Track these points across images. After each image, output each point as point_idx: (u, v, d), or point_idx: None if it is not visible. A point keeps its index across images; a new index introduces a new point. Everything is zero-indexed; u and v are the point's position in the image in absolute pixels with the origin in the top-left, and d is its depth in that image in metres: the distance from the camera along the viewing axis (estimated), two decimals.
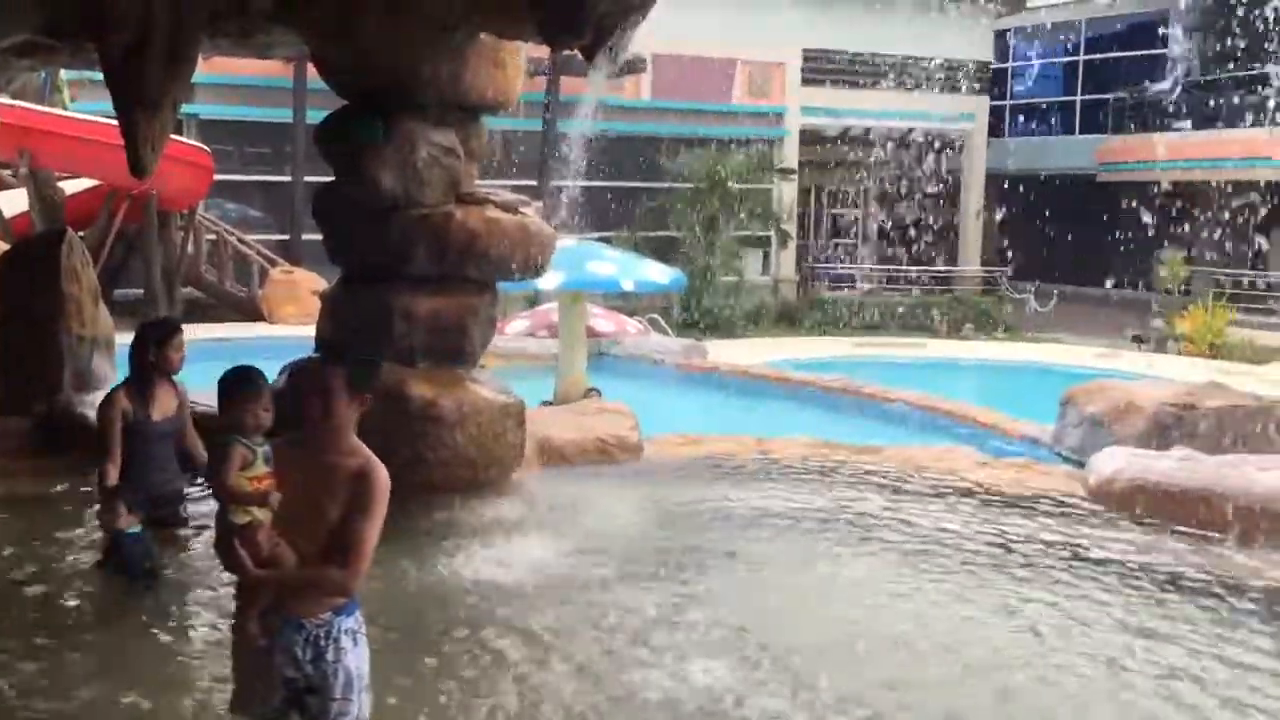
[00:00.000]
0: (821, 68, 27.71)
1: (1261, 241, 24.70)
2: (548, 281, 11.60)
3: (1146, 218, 25.84)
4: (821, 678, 4.44)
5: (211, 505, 5.33)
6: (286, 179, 23.05)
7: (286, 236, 22.97)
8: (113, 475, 5.22)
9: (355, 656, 3.45)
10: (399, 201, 6.93)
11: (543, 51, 9.02)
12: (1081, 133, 33.18)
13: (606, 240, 17.42)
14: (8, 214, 16.58)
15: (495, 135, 7.81)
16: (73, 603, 5.16)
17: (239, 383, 3.72)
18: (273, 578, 3.40)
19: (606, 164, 22.40)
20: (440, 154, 7.05)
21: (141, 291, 19.68)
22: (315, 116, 8.25)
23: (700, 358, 16.65)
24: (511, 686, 4.34)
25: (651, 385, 14.48)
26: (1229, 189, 23.60)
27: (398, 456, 6.06)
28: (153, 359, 5.40)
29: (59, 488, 6.88)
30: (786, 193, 27.26)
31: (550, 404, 11.79)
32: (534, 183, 21.78)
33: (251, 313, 20.35)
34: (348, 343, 6.80)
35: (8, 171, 17.78)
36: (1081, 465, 8.24)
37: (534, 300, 18.88)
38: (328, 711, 3.42)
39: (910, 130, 27.61)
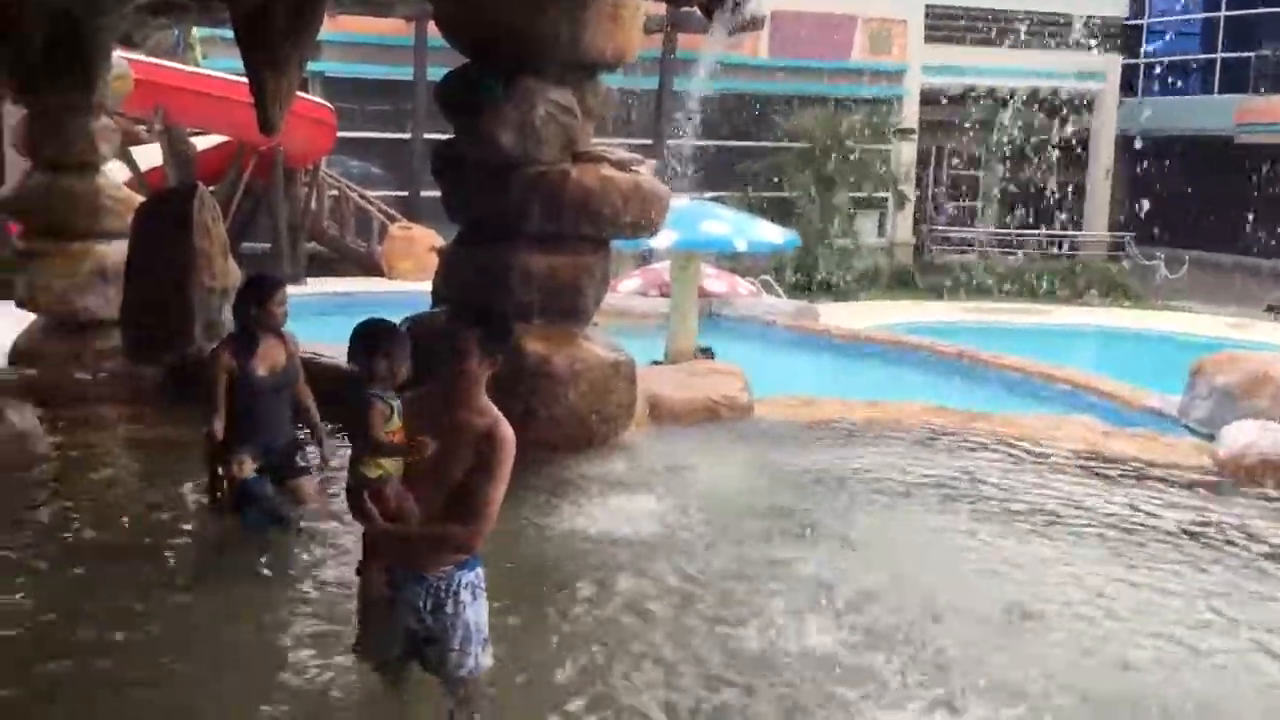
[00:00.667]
0: (944, 24, 26.99)
1: None
2: (661, 240, 11.62)
3: None
4: (935, 642, 4.39)
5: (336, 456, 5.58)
6: (407, 136, 23.41)
7: (406, 193, 23.38)
8: (218, 429, 5.31)
9: (474, 610, 3.52)
10: (516, 159, 6.99)
11: (660, 8, 8.93)
12: (1220, 92, 31.70)
13: (720, 200, 17.29)
14: (143, 168, 17.22)
15: (612, 93, 7.78)
16: (189, 548, 5.35)
17: (377, 336, 3.65)
18: (398, 532, 3.46)
19: (722, 123, 22.22)
20: (558, 112, 7.08)
21: (268, 245, 20.27)
22: (436, 74, 8.34)
23: (812, 320, 16.50)
24: (630, 637, 4.40)
25: (762, 346, 14.41)
26: None
27: (511, 412, 6.15)
28: (255, 315, 5.43)
29: (189, 434, 7.15)
30: (905, 153, 26.71)
31: (661, 363, 11.83)
32: (649, 141, 21.73)
33: (370, 268, 20.79)
34: (466, 300, 6.92)
35: (143, 127, 18.41)
36: (1209, 438, 7.95)
37: (646, 259, 18.90)
38: (446, 662, 3.51)
39: (1036, 90, 26.72)
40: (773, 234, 13.70)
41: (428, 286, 7.82)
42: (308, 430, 5.73)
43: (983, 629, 4.60)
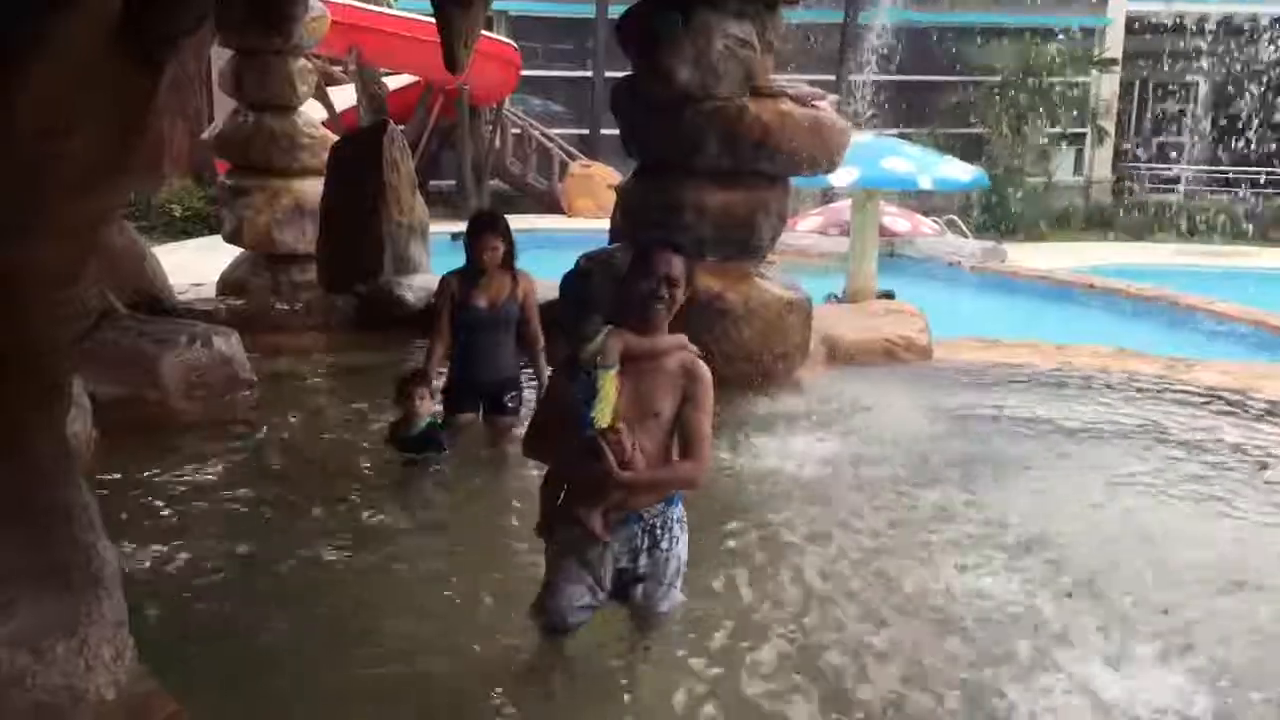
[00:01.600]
0: None
1: None
2: (841, 178, 11.42)
3: None
4: (1108, 599, 4.23)
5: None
6: (588, 74, 23.59)
7: (586, 131, 23.62)
8: (435, 354, 5.63)
9: (683, 543, 3.59)
10: (693, 94, 6.95)
11: None
12: None
13: (905, 137, 16.81)
14: (338, 108, 17.91)
15: (794, 28, 7.62)
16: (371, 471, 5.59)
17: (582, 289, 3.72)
18: (636, 478, 3.38)
19: (908, 56, 21.51)
20: (736, 46, 6.99)
21: (454, 183, 20.85)
22: (617, 12, 8.35)
23: (999, 261, 15.97)
24: (808, 572, 4.38)
25: (945, 287, 14.04)
26: None
27: None
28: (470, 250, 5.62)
29: (379, 359, 7.49)
30: (1106, 86, 25.33)
31: (840, 301, 11.67)
32: (832, 76, 21.26)
33: (551, 205, 21.16)
34: (642, 236, 6.96)
35: (338, 68, 19.12)
36: None
37: (828, 197, 18.59)
38: (655, 597, 3.56)
39: (1254, 16, 24.81)
40: (960, 172, 13.28)
41: (606, 224, 7.89)
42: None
43: (1170, 585, 4.39)
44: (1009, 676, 3.66)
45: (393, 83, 19.06)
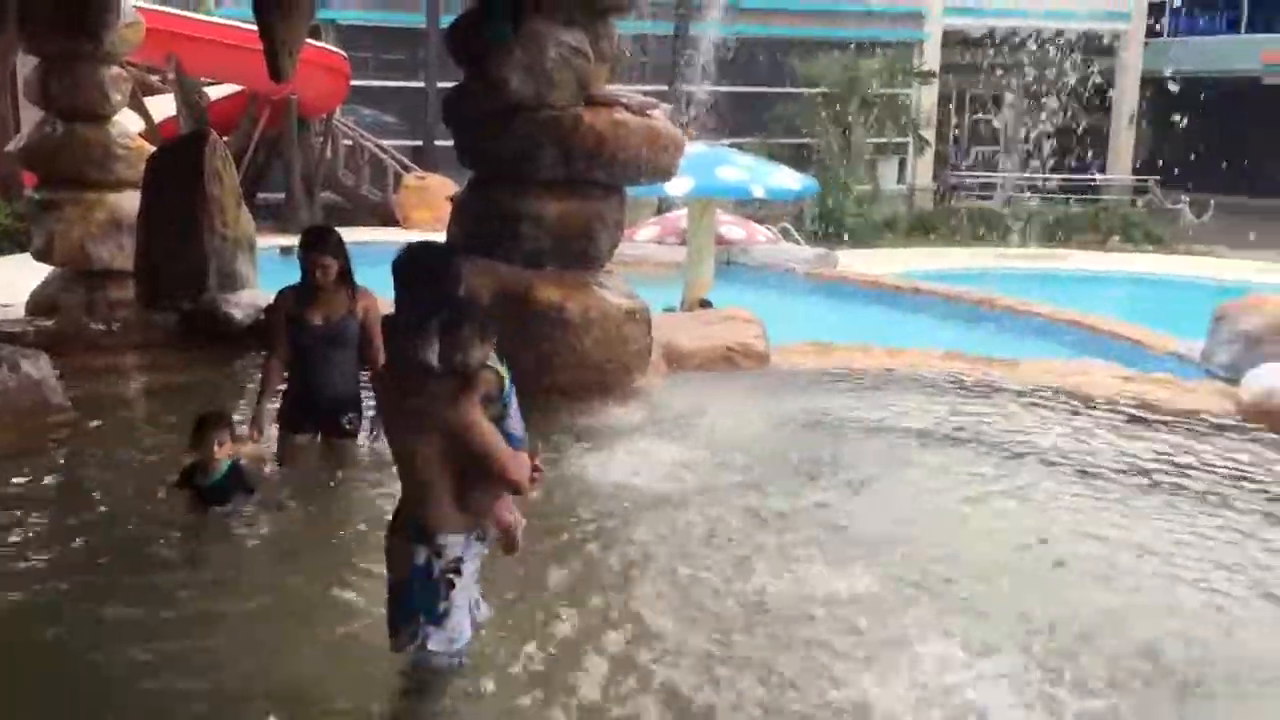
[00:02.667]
0: None
1: None
2: (677, 187, 11.51)
3: None
4: (949, 592, 4.36)
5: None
6: (421, 85, 23.25)
7: (420, 142, 23.26)
8: (271, 373, 5.41)
9: None
10: (527, 103, 6.89)
11: None
12: (1247, 32, 31.09)
13: (738, 146, 17.12)
14: (156, 118, 17.14)
15: (626, 38, 7.64)
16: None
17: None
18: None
19: (739, 68, 21.93)
20: (569, 55, 6.96)
21: (282, 195, 20.22)
22: (449, 21, 8.22)
23: (831, 267, 16.37)
24: (649, 585, 4.38)
25: (781, 294, 14.31)
26: None
27: (525, 360, 6.13)
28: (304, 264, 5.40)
29: (202, 378, 7.16)
30: (926, 98, 26.37)
31: (676, 310, 11.76)
32: (665, 87, 21.50)
33: (386, 217, 20.74)
34: (478, 247, 6.86)
35: (156, 77, 18.33)
36: (1231, 383, 7.83)
37: (663, 207, 18.77)
38: None
39: (1060, 31, 26.21)
40: (791, 180, 13.57)
41: (443, 235, 7.75)
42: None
43: (1002, 572, 4.56)
44: (860, 673, 3.72)
45: (214, 92, 18.38)
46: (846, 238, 21.68)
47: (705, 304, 11.34)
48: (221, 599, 4.23)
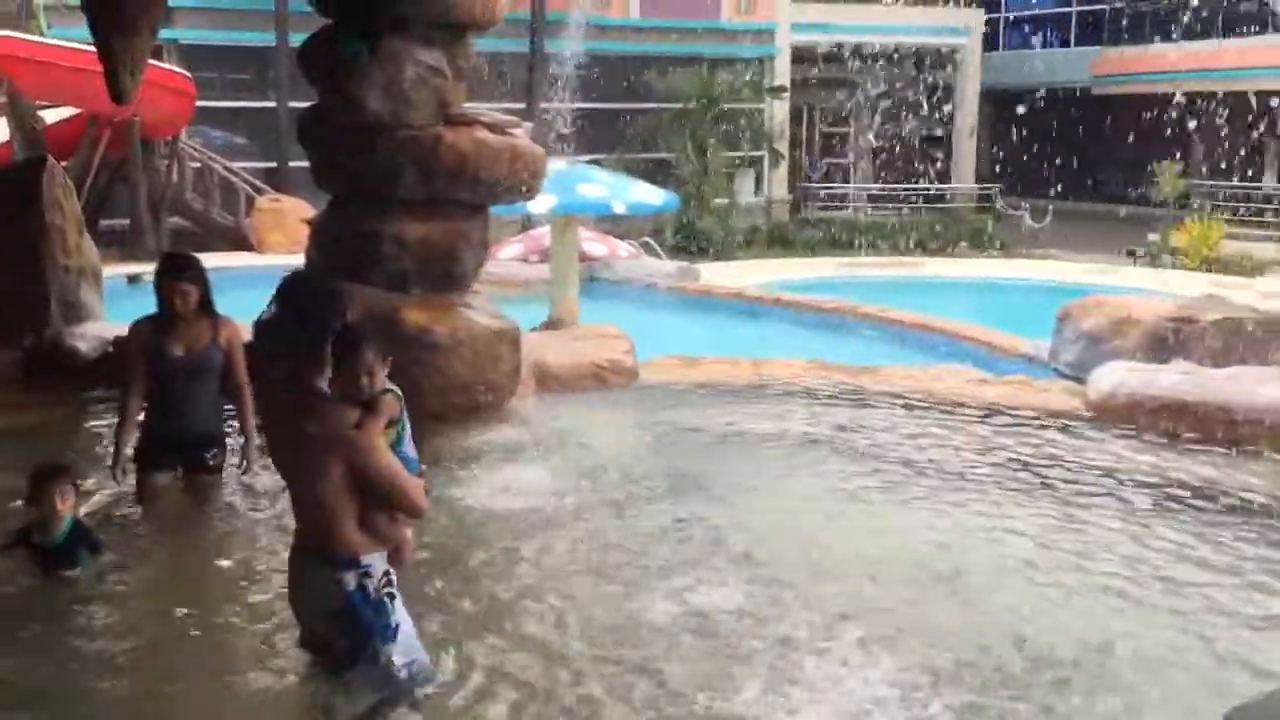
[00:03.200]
0: None
1: (1257, 153, 24.50)
2: (539, 205, 11.44)
3: (1142, 131, 25.61)
4: (823, 598, 4.43)
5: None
6: (272, 104, 22.66)
7: (273, 164, 22.66)
8: (129, 410, 5.14)
9: None
10: (385, 123, 6.78)
11: None
12: (1076, 45, 32.72)
13: (596, 163, 17.17)
14: None
15: (482, 56, 7.59)
16: None
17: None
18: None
19: (595, 85, 22.02)
20: (427, 73, 6.88)
21: (128, 221, 19.46)
22: (299, 40, 8.03)
23: (693, 280, 16.52)
24: (527, 607, 4.33)
25: (645, 309, 14.37)
26: (1224, 100, 23.34)
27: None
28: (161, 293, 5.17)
29: (49, 420, 6.81)
30: (778, 112, 26.94)
31: (541, 329, 11.70)
32: (521, 105, 21.45)
33: (239, 242, 20.12)
34: (339, 270, 6.70)
35: None
36: (1079, 381, 8.20)
37: (526, 225, 18.70)
38: None
39: (903, 45, 27.18)
40: (651, 195, 13.63)
41: (300, 260, 7.55)
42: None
43: (877, 580, 4.65)
44: (745, 681, 3.75)
45: (51, 115, 17.56)
46: (707, 251, 21.97)
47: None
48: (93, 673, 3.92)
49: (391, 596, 3.38)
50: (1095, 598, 4.56)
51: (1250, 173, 25.13)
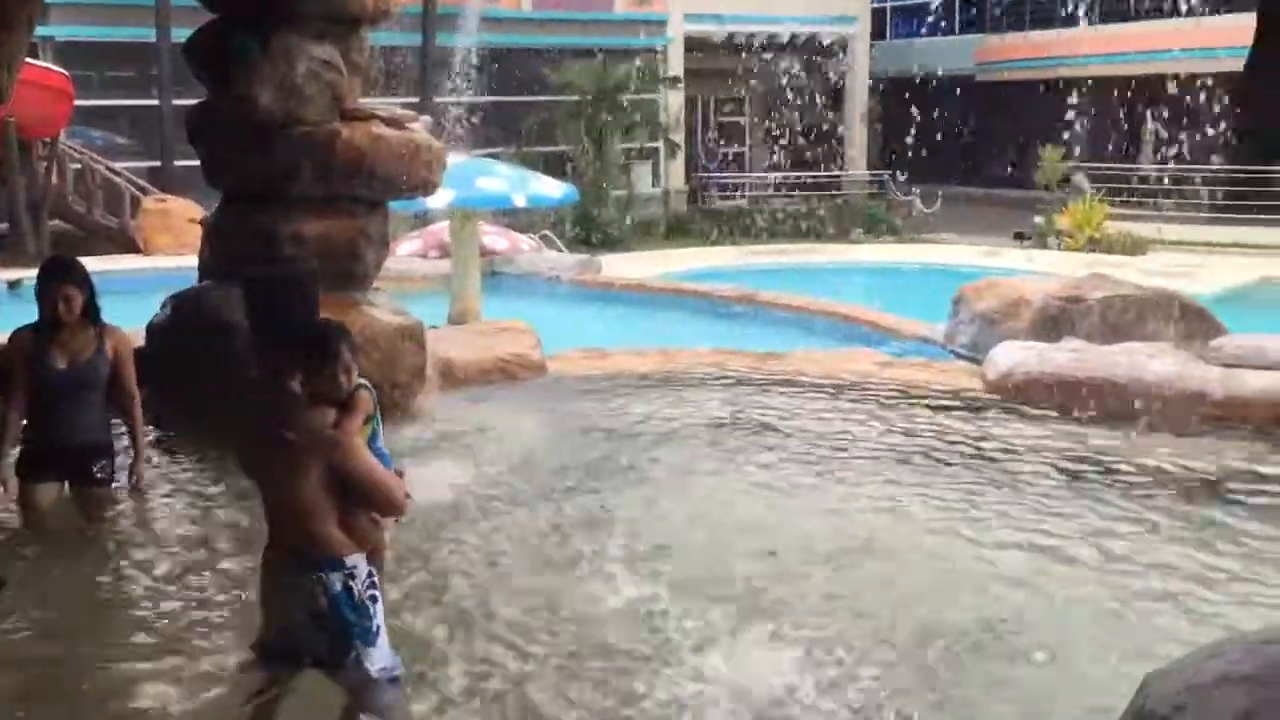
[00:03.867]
0: None
1: (1133, 135, 25.37)
2: (438, 200, 11.32)
3: (1025, 117, 26.36)
4: (739, 580, 4.47)
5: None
6: (154, 102, 21.98)
7: (157, 163, 21.99)
8: (9, 425, 4.90)
9: None
10: (279, 120, 6.64)
11: None
12: (961, 33, 33.48)
13: (493, 156, 17.06)
14: None
15: (374, 51, 7.47)
16: None
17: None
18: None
19: (490, 78, 21.86)
20: (320, 68, 6.75)
21: (5, 225, 18.75)
22: (181, 35, 7.80)
23: (595, 273, 16.53)
24: (438, 604, 4.30)
25: (548, 302, 14.33)
26: (1102, 84, 24.13)
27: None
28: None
29: None
30: (673, 102, 27.04)
31: (440, 326, 11.58)
32: (415, 99, 21.17)
33: (125, 244, 19.52)
34: (236, 271, 6.53)
35: None
36: (974, 361, 8.41)
37: (421, 220, 18.49)
38: None
39: (794, 35, 27.51)
40: (551, 188, 13.61)
41: (191, 261, 7.36)
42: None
43: (791, 563, 4.71)
44: (662, 671, 3.77)
45: None
46: (608, 243, 21.97)
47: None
48: None
49: (375, 599, 3.31)
50: (1007, 572, 4.67)
51: (1127, 154, 26.00)
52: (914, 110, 25.64)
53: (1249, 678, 2.00)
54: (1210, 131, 15.49)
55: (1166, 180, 23.41)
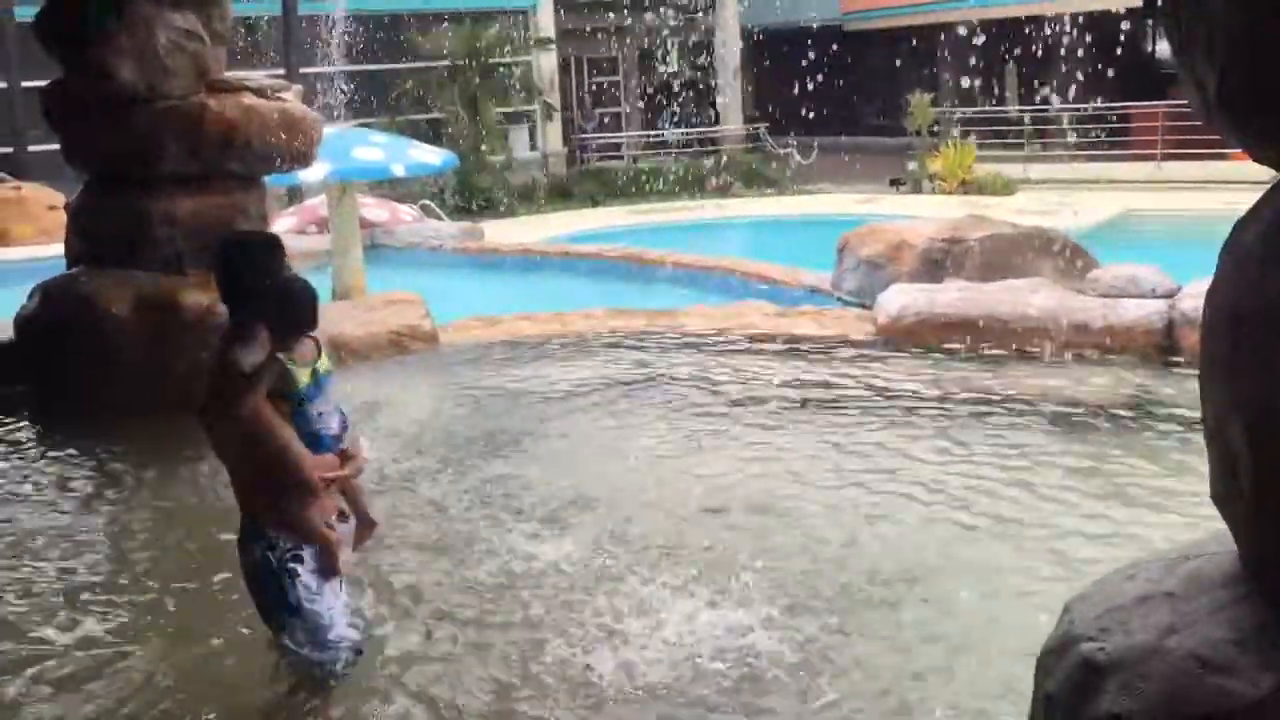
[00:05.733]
0: None
1: (998, 78, 25.96)
2: (313, 173, 11.02)
3: (894, 64, 26.76)
4: (650, 538, 4.47)
5: None
6: (2, 84, 20.87)
7: (8, 149, 20.92)
8: None
9: None
10: (142, 94, 6.36)
11: None
12: None
13: (368, 126, 16.64)
14: None
15: (236, 21, 7.19)
16: None
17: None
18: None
19: (358, 46, 21.26)
20: (182, 38, 6.48)
21: None
22: (28, 12, 7.40)
23: (478, 240, 16.33)
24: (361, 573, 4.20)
25: (434, 272, 14.10)
26: (966, 29, 24.61)
27: (175, 370, 5.70)
28: None
29: None
30: (546, 64, 26.72)
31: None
32: (281, 71, 20.50)
33: None
34: (107, 256, 6.26)
35: None
36: (863, 307, 8.53)
37: (296, 195, 18.00)
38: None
39: None
40: (430, 156, 13.36)
41: (55, 250, 7.02)
42: None
43: (691, 517, 4.72)
44: (581, 631, 3.75)
45: None
46: (490, 209, 21.70)
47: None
48: None
49: (292, 573, 3.25)
50: (916, 512, 4.75)
51: (993, 98, 26.62)
52: (787, 63, 25.85)
53: (1169, 594, 2.04)
54: (1071, 71, 15.92)
55: (1028, 120, 24.06)
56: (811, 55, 26.78)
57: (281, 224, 16.88)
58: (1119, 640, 1.91)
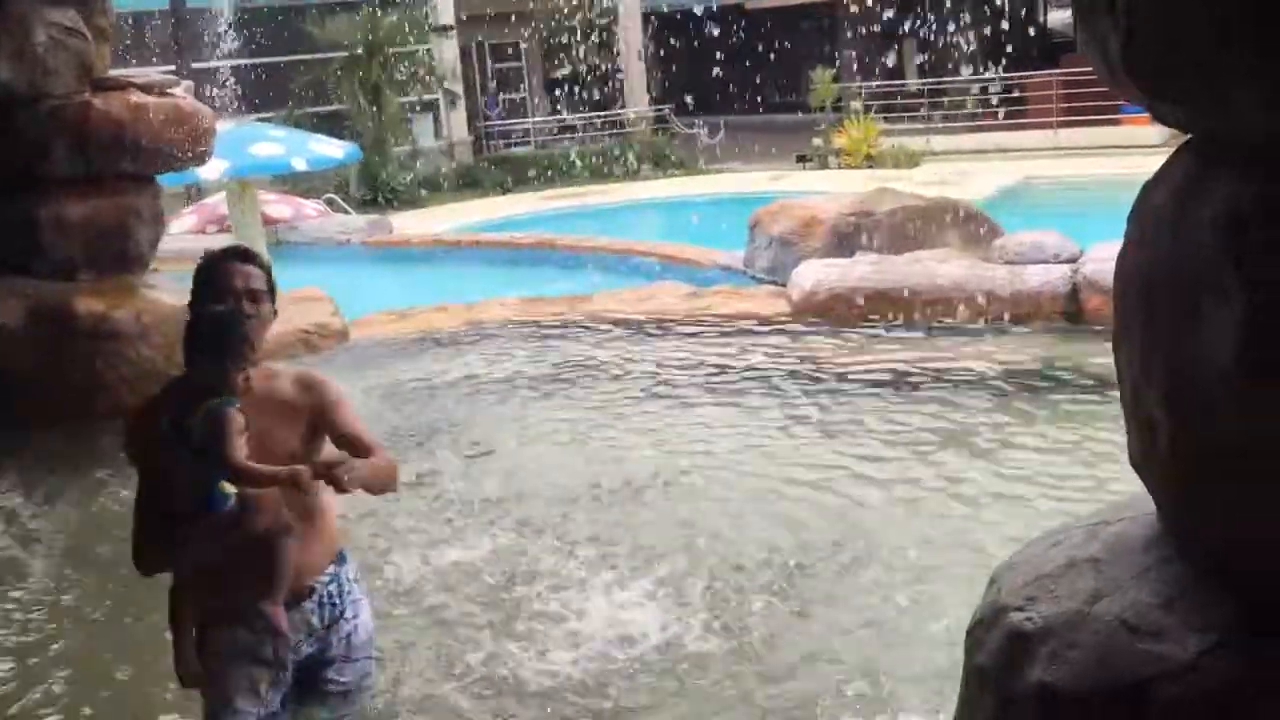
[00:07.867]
0: None
1: (898, 53, 26.28)
2: (211, 170, 10.75)
3: (795, 42, 26.93)
4: (574, 527, 4.43)
5: None
6: None
7: None
8: None
9: (366, 605, 2.99)
10: (22, 94, 6.10)
11: None
12: None
13: (266, 120, 16.26)
14: None
15: (122, 16, 6.93)
16: None
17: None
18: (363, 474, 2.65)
19: (252, 38, 20.77)
20: (63, 35, 6.21)
21: None
22: None
23: (386, 232, 16.08)
24: None
25: (342, 267, 13.82)
26: (864, 6, 24.84)
27: (70, 382, 5.49)
28: None
29: None
30: (447, 51, 26.37)
31: None
32: (172, 67, 19.92)
33: None
34: None
35: None
36: (776, 284, 8.56)
37: (193, 194, 17.54)
38: (355, 674, 2.94)
39: None
40: (332, 149, 13.13)
41: None
42: None
43: (625, 499, 4.69)
44: (511, 625, 3.70)
45: None
46: (396, 200, 21.38)
47: None
48: None
49: None
50: (841, 489, 4.76)
51: (892, 72, 26.94)
52: (689, 43, 25.83)
53: (1094, 559, 2.04)
54: (966, 44, 16.18)
55: (927, 93, 24.41)
56: (715, 35, 26.84)
57: (180, 224, 16.42)
58: (1046, 608, 1.90)
